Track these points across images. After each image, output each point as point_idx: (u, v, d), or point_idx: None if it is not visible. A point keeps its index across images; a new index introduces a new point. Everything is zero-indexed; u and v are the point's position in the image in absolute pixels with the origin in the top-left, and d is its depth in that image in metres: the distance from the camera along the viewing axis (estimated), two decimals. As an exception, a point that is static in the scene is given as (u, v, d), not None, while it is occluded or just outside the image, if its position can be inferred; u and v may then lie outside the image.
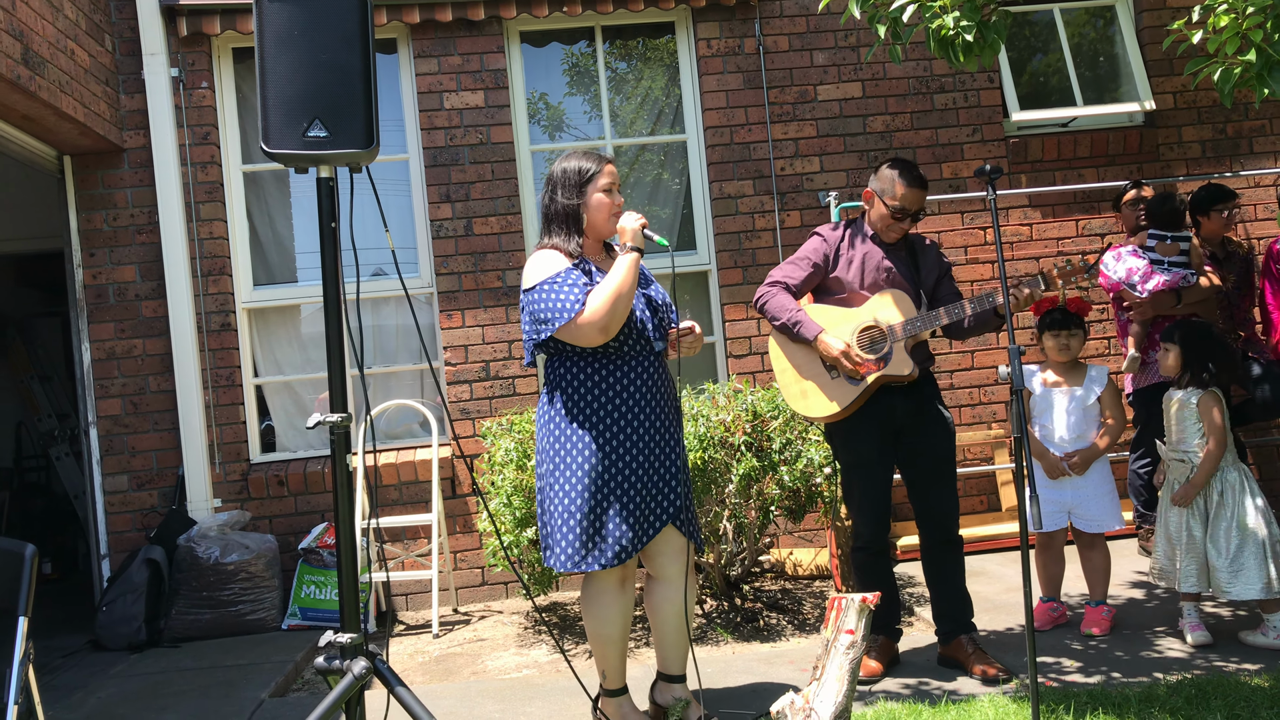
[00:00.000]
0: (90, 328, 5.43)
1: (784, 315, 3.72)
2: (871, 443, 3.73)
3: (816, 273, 3.81)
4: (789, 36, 5.81)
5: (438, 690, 4.05)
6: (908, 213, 3.72)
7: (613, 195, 3.27)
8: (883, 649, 3.80)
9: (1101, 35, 6.20)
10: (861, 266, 3.76)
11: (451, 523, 5.49)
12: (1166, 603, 4.35)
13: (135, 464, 5.42)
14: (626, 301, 3.11)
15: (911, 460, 3.79)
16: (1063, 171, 5.92)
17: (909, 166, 3.74)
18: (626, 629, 3.30)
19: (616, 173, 3.30)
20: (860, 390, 3.66)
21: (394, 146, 5.68)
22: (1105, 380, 4.20)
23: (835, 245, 3.82)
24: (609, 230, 3.29)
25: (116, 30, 5.44)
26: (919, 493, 3.81)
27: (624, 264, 3.13)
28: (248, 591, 5.03)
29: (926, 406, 3.77)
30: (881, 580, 3.81)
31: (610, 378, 3.20)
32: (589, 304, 3.10)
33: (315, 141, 2.64)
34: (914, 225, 3.79)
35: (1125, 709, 3.18)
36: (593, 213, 3.25)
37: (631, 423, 3.19)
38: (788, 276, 3.80)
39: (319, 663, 2.67)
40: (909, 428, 3.75)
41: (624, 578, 3.25)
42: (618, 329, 3.13)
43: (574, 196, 3.24)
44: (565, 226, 3.26)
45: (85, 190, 5.45)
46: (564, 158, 3.30)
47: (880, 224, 3.77)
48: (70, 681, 4.46)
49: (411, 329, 5.75)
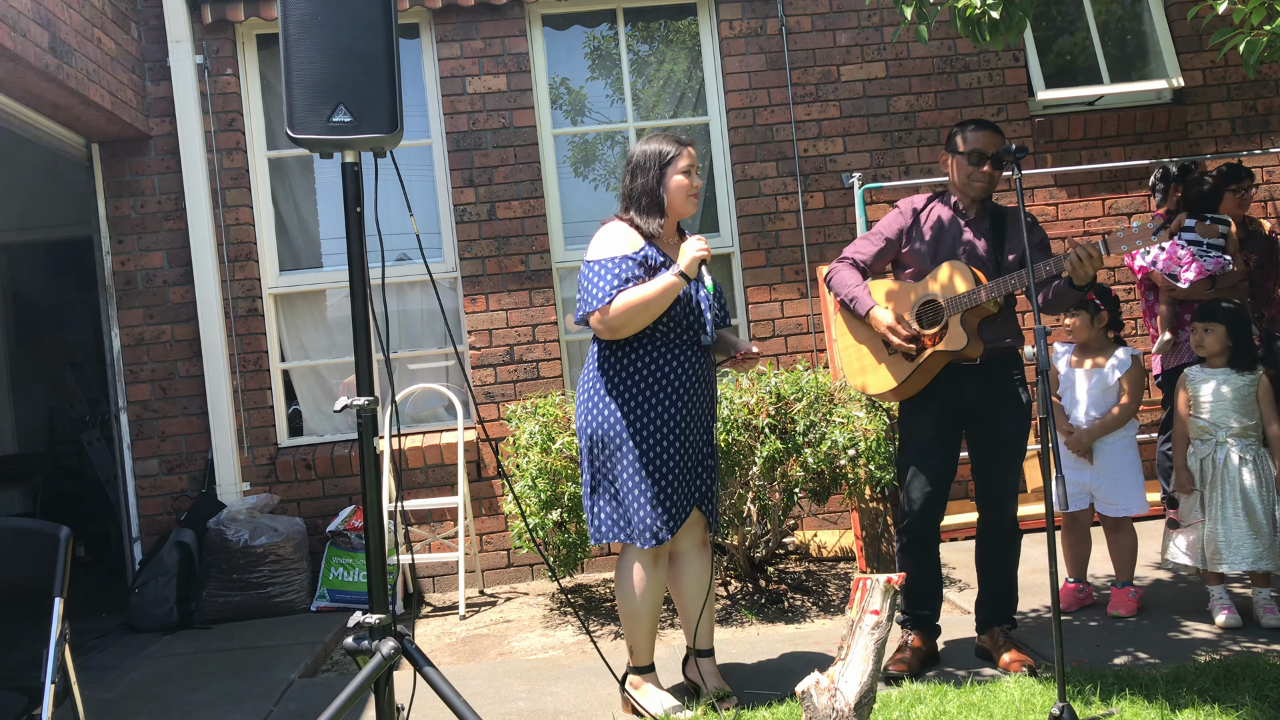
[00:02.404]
0: (119, 314, 5.50)
1: (844, 291, 3.66)
2: (931, 422, 3.61)
3: (889, 248, 3.69)
4: (811, 17, 5.77)
5: (465, 671, 4.08)
6: (984, 155, 3.55)
7: (691, 177, 3.35)
8: (917, 645, 3.65)
9: (1129, 12, 6.13)
10: (937, 240, 3.63)
11: (477, 505, 5.52)
12: (1194, 584, 4.32)
13: (165, 448, 5.49)
14: (649, 313, 3.19)
15: (978, 442, 3.66)
16: (1089, 150, 5.86)
17: (976, 120, 3.66)
18: (657, 606, 3.37)
19: (695, 155, 3.38)
20: (914, 367, 3.53)
21: (417, 131, 5.70)
22: (1130, 362, 4.18)
23: (912, 219, 3.69)
24: (687, 210, 3.39)
25: (141, 18, 5.48)
26: (980, 474, 3.68)
27: (660, 282, 3.19)
28: (277, 574, 5.09)
29: (1002, 387, 3.60)
30: (923, 569, 3.67)
31: (656, 362, 3.27)
32: (616, 303, 3.18)
33: (340, 126, 2.65)
34: (997, 172, 3.59)
35: (1153, 689, 3.17)
36: (672, 194, 3.33)
37: (671, 408, 3.26)
38: (858, 252, 3.72)
39: (348, 643, 2.71)
40: (978, 408, 3.60)
41: (657, 555, 3.34)
42: (629, 334, 3.22)
43: (654, 178, 3.32)
44: (645, 206, 3.34)
45: (113, 177, 5.50)
46: (644, 140, 3.40)
47: (962, 182, 3.62)
48: (104, 662, 4.53)
49: (436, 313, 5.78)
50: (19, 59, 4.12)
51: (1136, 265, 4.74)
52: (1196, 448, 3.96)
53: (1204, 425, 3.96)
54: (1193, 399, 4.01)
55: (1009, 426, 3.62)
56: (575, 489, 4.45)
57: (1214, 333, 3.98)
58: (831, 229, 5.71)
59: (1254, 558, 3.78)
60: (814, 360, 5.63)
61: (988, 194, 3.66)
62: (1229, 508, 3.83)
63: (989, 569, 3.72)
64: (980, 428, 3.64)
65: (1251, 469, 3.84)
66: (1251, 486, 3.83)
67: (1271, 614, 3.81)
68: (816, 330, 5.69)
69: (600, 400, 3.30)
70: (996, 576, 3.71)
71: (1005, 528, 3.68)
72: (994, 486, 3.66)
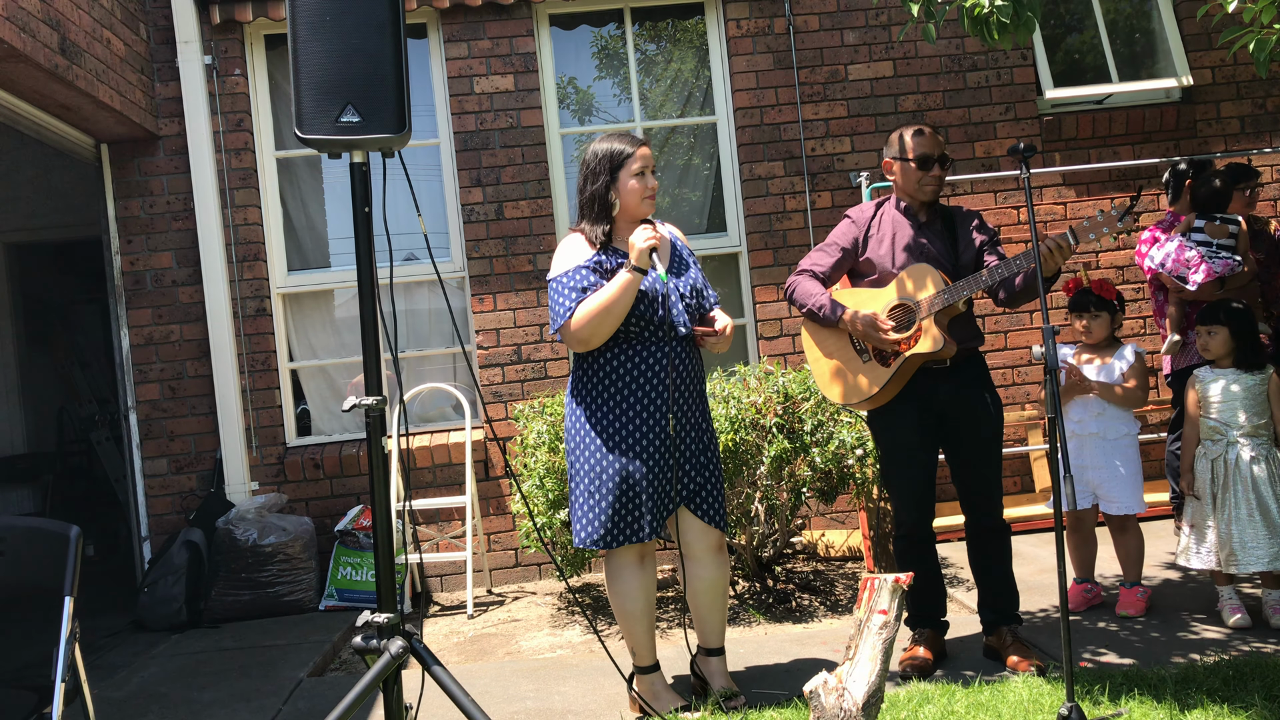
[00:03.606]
0: (129, 314, 5.51)
1: (810, 301, 3.65)
2: (911, 427, 3.62)
3: (846, 257, 3.71)
4: (819, 16, 5.76)
5: (473, 670, 4.09)
6: (930, 158, 3.58)
7: (645, 179, 3.27)
8: (930, 641, 3.69)
9: (1137, 10, 6.11)
10: (892, 245, 3.65)
11: (485, 505, 5.53)
12: (1203, 585, 4.31)
13: (174, 448, 5.51)
14: (613, 319, 3.15)
15: (954, 443, 3.67)
16: (1097, 149, 5.84)
17: (911, 125, 3.67)
18: (649, 605, 3.36)
19: (650, 155, 3.30)
20: (892, 372, 3.54)
21: (425, 131, 5.70)
22: (1134, 358, 4.18)
23: (865, 227, 3.72)
24: (643, 212, 3.31)
25: (150, 18, 5.49)
26: (960, 476, 3.70)
27: (616, 284, 3.14)
28: (285, 573, 5.10)
29: (971, 388, 3.63)
30: (925, 570, 3.67)
31: (630, 361, 3.23)
32: (575, 315, 3.16)
33: (348, 127, 2.66)
34: (946, 173, 3.63)
35: (1162, 689, 3.16)
36: (626, 196, 3.27)
37: (648, 406, 3.22)
38: (815, 264, 3.72)
39: (357, 642, 2.71)
40: (952, 410, 3.61)
41: (643, 555, 3.32)
42: (600, 341, 3.19)
43: (606, 181, 3.25)
44: (594, 213, 3.29)
45: (122, 178, 5.52)
46: (597, 141, 3.31)
47: (910, 186, 3.64)
48: (114, 660, 4.55)
49: (443, 313, 5.79)
50: (28, 60, 4.13)
51: (1146, 266, 4.72)
52: (1207, 448, 3.95)
53: (1214, 425, 3.94)
54: (1203, 398, 3.99)
55: (985, 427, 3.64)
56: (583, 488, 4.45)
57: (1218, 335, 3.97)
58: (839, 228, 5.70)
59: (1270, 558, 3.76)
60: (821, 360, 5.62)
61: (937, 196, 3.69)
62: (1242, 508, 3.81)
63: (986, 569, 3.73)
64: (958, 430, 3.65)
65: (1264, 468, 3.83)
66: (1265, 486, 3.81)
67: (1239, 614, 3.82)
68: (824, 330, 5.68)
69: (576, 405, 3.29)
70: (994, 576, 3.71)
71: (995, 526, 3.70)
72: (979, 487, 3.68)
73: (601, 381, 3.25)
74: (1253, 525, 3.80)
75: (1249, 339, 3.93)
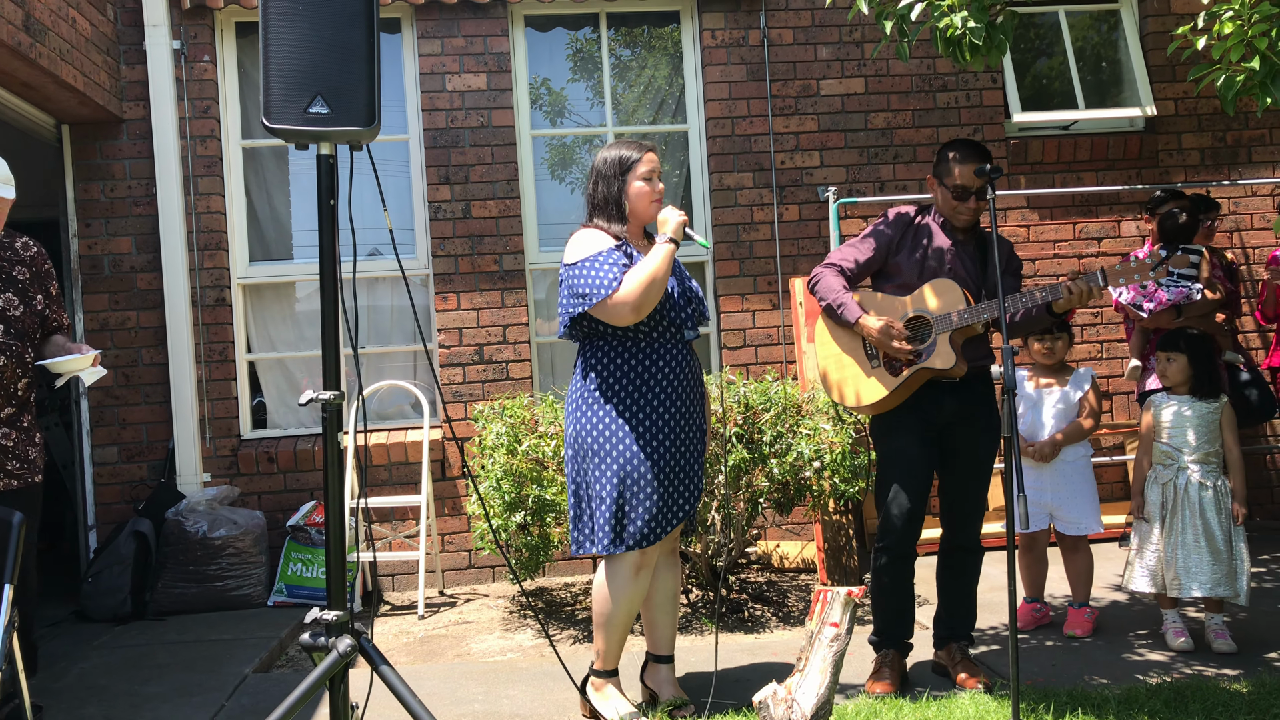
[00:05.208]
0: (84, 298, 5.42)
1: (830, 297, 3.60)
2: (913, 438, 3.58)
3: (877, 256, 3.66)
4: (793, 30, 5.80)
5: (422, 671, 4.05)
6: (968, 191, 3.56)
7: (653, 183, 3.36)
8: (894, 665, 3.62)
9: (1105, 39, 6.21)
10: (924, 256, 3.61)
11: (440, 505, 5.49)
12: (1149, 607, 4.37)
13: (125, 436, 5.42)
14: (660, 286, 3.19)
15: (949, 459, 3.65)
16: (1062, 174, 5.93)
17: (967, 144, 3.61)
18: (635, 612, 3.37)
19: (657, 160, 3.39)
20: (899, 382, 3.51)
21: (394, 127, 5.67)
22: (1089, 382, 4.24)
23: (903, 230, 3.66)
24: (649, 216, 3.38)
25: (119, 0, 5.41)
26: (949, 492, 3.68)
27: (660, 252, 3.22)
28: (234, 567, 5.03)
29: (977, 406, 3.62)
30: (901, 588, 3.63)
31: (642, 364, 3.27)
32: (625, 283, 3.17)
33: (317, 118, 2.63)
34: (981, 204, 3.59)
35: (1105, 710, 3.20)
36: (634, 199, 3.34)
37: (661, 409, 3.26)
38: (844, 259, 3.67)
39: (304, 639, 2.68)
40: (953, 426, 3.60)
41: (645, 560, 3.31)
42: (649, 310, 3.21)
43: (616, 183, 3.34)
44: (609, 212, 3.36)
45: (83, 160, 5.43)
46: (606, 147, 3.42)
47: (946, 208, 3.63)
48: (54, 651, 4.46)
49: (406, 310, 5.74)
50: (-9, 35, 4.06)
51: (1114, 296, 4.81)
52: (1159, 472, 4.01)
53: (1166, 449, 4.00)
54: (1157, 422, 4.05)
55: (982, 448, 3.64)
56: (540, 492, 4.44)
57: (1175, 363, 4.03)
58: (805, 241, 5.74)
59: (1212, 584, 3.82)
60: (783, 371, 5.65)
61: (970, 226, 3.67)
62: (1189, 533, 3.87)
63: (949, 586, 3.73)
64: (956, 446, 3.63)
65: (1212, 495, 3.89)
66: (1212, 512, 3.87)
67: (1223, 639, 3.86)
68: (787, 341, 5.71)
69: (592, 405, 3.28)
70: (956, 593, 3.71)
71: (970, 545, 3.69)
72: (964, 505, 3.67)
73: (619, 381, 3.27)
74: (1198, 550, 3.86)
75: (1206, 367, 4.00)
